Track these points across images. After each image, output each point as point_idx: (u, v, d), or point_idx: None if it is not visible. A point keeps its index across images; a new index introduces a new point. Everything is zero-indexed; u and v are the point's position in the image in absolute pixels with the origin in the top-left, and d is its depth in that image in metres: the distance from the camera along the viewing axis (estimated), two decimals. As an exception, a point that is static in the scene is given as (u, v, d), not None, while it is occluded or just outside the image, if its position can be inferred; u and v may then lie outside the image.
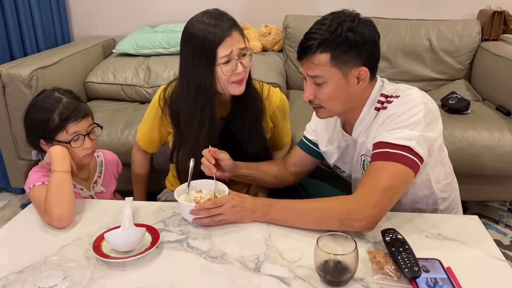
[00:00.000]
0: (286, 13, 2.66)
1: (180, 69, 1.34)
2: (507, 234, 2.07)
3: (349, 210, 1.04)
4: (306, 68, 1.13)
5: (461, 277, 0.91)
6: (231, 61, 1.25)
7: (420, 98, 1.10)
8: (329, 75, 1.10)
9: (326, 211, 1.08)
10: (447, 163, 1.27)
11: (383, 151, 1.08)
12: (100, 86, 2.36)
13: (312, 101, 1.17)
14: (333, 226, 1.04)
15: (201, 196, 1.18)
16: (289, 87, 2.58)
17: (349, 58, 1.09)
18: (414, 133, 1.07)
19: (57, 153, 1.21)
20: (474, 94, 2.39)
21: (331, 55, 1.08)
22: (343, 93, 1.13)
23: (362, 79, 1.13)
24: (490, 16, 2.47)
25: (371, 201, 1.03)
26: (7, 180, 2.21)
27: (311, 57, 1.10)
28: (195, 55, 1.26)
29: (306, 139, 1.43)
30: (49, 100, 1.27)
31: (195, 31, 1.25)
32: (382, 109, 1.15)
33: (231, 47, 1.24)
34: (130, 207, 1.12)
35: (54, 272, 0.94)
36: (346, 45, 1.08)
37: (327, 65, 1.09)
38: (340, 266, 0.88)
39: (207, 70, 1.25)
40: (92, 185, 1.41)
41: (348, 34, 1.07)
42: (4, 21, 2.30)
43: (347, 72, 1.11)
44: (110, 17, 2.89)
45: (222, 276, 0.94)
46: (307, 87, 1.15)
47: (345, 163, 1.33)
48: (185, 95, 1.31)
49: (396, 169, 1.06)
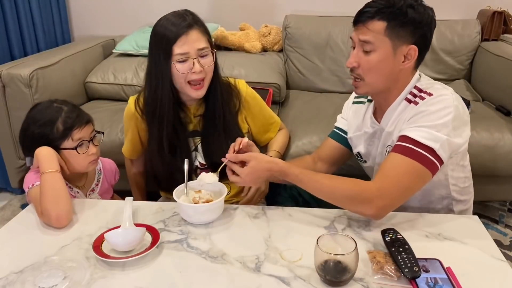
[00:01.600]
0: (286, 13, 2.66)
1: (146, 67, 1.37)
2: (507, 234, 2.07)
3: (365, 198, 1.06)
4: (359, 33, 1.14)
5: (461, 277, 0.91)
6: (188, 60, 1.27)
7: (452, 101, 1.11)
8: (380, 44, 1.12)
9: (341, 193, 1.10)
10: (467, 167, 1.28)
11: (407, 146, 1.09)
12: (100, 86, 2.36)
13: (355, 69, 1.17)
14: (345, 207, 1.12)
15: (200, 196, 1.18)
16: (289, 87, 2.58)
17: (403, 33, 1.11)
18: (441, 136, 1.08)
19: (44, 154, 1.21)
20: (474, 94, 2.38)
21: (387, 24, 1.11)
22: (387, 66, 1.14)
23: (409, 59, 1.14)
24: (490, 16, 2.47)
25: (389, 195, 1.06)
26: (7, 180, 2.21)
27: (367, 22, 1.12)
28: (156, 51, 1.30)
29: (338, 129, 1.43)
30: (49, 111, 1.27)
31: (157, 28, 1.30)
32: (413, 103, 1.16)
33: (187, 46, 1.26)
34: (130, 207, 1.12)
35: (54, 272, 0.94)
36: (404, 19, 1.10)
37: (380, 33, 1.11)
38: (340, 266, 0.88)
39: (165, 67, 1.28)
40: (89, 193, 1.41)
41: (409, 10, 1.10)
42: (4, 21, 2.30)
43: (397, 46, 1.12)
44: (110, 17, 2.89)
45: (222, 276, 0.94)
46: (354, 54, 1.16)
47: (368, 152, 1.33)
48: (152, 92, 1.33)
49: (417, 168, 1.07)
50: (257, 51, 2.61)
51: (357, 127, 1.35)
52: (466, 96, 2.26)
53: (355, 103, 1.40)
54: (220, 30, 2.60)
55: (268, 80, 2.27)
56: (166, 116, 1.32)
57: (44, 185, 1.16)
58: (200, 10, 1.34)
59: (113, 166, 1.53)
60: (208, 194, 1.19)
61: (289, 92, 2.52)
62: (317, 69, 2.55)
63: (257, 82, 2.24)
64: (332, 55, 2.51)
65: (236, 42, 2.61)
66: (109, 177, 1.50)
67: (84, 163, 1.30)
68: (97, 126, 1.37)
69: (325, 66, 2.53)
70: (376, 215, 1.08)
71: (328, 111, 2.11)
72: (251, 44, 2.59)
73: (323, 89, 2.56)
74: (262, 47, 2.65)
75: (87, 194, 1.40)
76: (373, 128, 1.29)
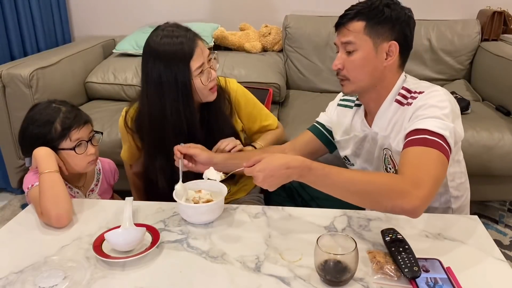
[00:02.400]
0: (286, 13, 2.66)
1: (145, 92, 1.30)
2: (507, 234, 2.07)
3: (402, 190, 0.97)
4: (341, 36, 1.19)
5: (461, 277, 0.91)
6: (205, 71, 1.27)
7: (444, 95, 1.13)
8: (361, 43, 1.15)
9: (377, 187, 0.99)
10: (462, 162, 1.29)
11: (421, 137, 1.07)
12: (100, 86, 2.36)
13: (340, 71, 1.20)
14: (379, 204, 1.00)
15: (200, 196, 1.18)
16: (289, 87, 2.58)
17: (382, 30, 1.15)
18: (449, 124, 1.08)
19: (41, 154, 1.21)
20: (474, 94, 2.39)
21: (366, 24, 1.15)
22: (370, 64, 1.17)
23: (391, 55, 1.17)
24: (490, 16, 2.47)
25: (425, 184, 0.98)
26: (7, 180, 2.21)
27: (348, 24, 1.17)
28: (168, 69, 1.23)
29: (319, 124, 1.46)
30: (47, 111, 1.27)
31: (158, 47, 1.23)
32: (406, 105, 1.17)
33: (201, 58, 1.25)
34: (130, 207, 1.12)
35: (54, 272, 0.94)
36: (381, 17, 1.15)
37: (360, 33, 1.15)
38: (340, 266, 0.88)
39: (184, 82, 1.24)
40: (88, 193, 1.41)
41: (385, 9, 1.15)
42: (4, 21, 2.31)
43: (377, 44, 1.16)
44: (110, 17, 2.89)
45: (222, 276, 0.94)
46: (338, 57, 1.20)
47: (357, 155, 1.34)
48: (158, 109, 1.29)
49: (439, 155, 1.04)
50: (257, 51, 2.61)
51: (345, 131, 1.36)
52: (466, 96, 2.26)
53: (340, 105, 1.41)
54: (220, 30, 2.60)
55: (268, 80, 2.27)
56: (190, 128, 1.30)
57: (42, 185, 1.16)
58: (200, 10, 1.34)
59: (113, 166, 1.53)
60: (208, 194, 1.19)
61: (289, 92, 2.52)
62: (317, 69, 2.55)
63: (257, 82, 2.24)
64: (332, 55, 2.51)
65: (236, 42, 2.61)
66: (109, 177, 1.50)
67: (83, 163, 1.30)
68: (97, 126, 1.37)
69: (325, 66, 2.54)
70: (417, 208, 0.97)
71: (328, 111, 2.11)
72: (251, 44, 2.60)
73: (323, 89, 2.56)
74: (262, 47, 2.65)
75: (86, 194, 1.40)
76: (363, 131, 1.29)
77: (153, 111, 1.30)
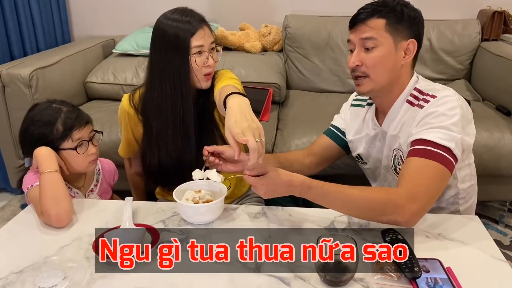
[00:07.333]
0: (286, 13, 2.66)
1: (151, 69, 1.36)
2: (507, 234, 2.07)
3: (396, 205, 1.02)
4: (359, 33, 1.17)
5: (461, 277, 0.91)
6: (203, 53, 1.30)
7: (456, 101, 1.13)
8: (382, 40, 1.15)
9: (373, 202, 1.04)
10: (473, 165, 1.29)
11: (426, 149, 1.09)
12: (100, 86, 2.36)
13: (357, 68, 1.19)
14: (376, 218, 1.06)
15: (200, 196, 1.18)
16: (289, 87, 2.58)
17: (402, 28, 1.16)
18: (455, 135, 1.09)
19: (42, 154, 1.21)
20: (474, 94, 2.39)
21: (386, 21, 1.15)
22: (390, 61, 1.17)
23: (408, 54, 1.18)
24: (490, 16, 2.47)
25: (420, 199, 1.03)
26: (7, 180, 2.21)
27: (367, 21, 1.15)
28: (168, 50, 1.29)
29: (334, 127, 1.46)
30: (48, 112, 1.27)
31: (166, 28, 1.29)
32: (417, 106, 1.17)
33: (203, 39, 1.29)
34: (130, 207, 1.12)
35: (54, 272, 0.94)
36: (400, 16, 1.16)
37: (382, 29, 1.15)
38: (340, 266, 0.88)
39: (181, 62, 1.28)
40: (88, 193, 1.41)
41: (403, 8, 1.17)
42: (4, 21, 2.30)
43: (397, 41, 1.16)
44: (110, 17, 2.89)
45: (222, 276, 0.94)
46: (355, 54, 1.18)
47: (369, 154, 1.35)
48: (159, 92, 1.32)
49: (440, 170, 1.07)
50: (257, 51, 2.61)
51: (357, 130, 1.37)
52: (466, 96, 2.26)
53: (354, 105, 1.41)
54: (220, 30, 2.60)
55: (268, 80, 2.27)
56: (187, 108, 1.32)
57: (43, 185, 1.16)
58: (200, 10, 1.34)
59: (112, 167, 1.53)
60: (208, 194, 1.19)
61: (289, 92, 2.52)
62: (317, 69, 2.55)
63: (257, 82, 2.24)
64: (332, 55, 2.51)
65: (236, 42, 2.61)
66: (108, 178, 1.49)
67: (84, 163, 1.30)
68: (97, 126, 1.37)
69: (325, 66, 2.54)
70: (410, 221, 1.04)
71: (328, 111, 2.11)
72: (251, 44, 2.59)
73: (323, 89, 2.56)
74: (262, 47, 2.65)
75: (86, 194, 1.40)
76: (374, 130, 1.30)
77: (156, 80, 1.33)
